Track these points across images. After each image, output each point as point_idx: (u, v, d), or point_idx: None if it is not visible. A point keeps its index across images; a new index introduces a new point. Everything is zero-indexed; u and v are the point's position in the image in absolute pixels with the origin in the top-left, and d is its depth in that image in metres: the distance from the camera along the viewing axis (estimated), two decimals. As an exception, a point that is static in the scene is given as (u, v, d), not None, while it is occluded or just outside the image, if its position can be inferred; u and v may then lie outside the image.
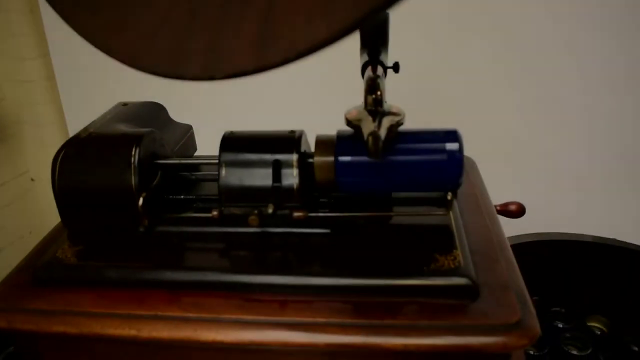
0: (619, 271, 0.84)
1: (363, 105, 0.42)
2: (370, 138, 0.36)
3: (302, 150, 0.46)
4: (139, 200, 0.45)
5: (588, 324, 0.84)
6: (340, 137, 0.44)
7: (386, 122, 0.40)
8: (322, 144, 0.44)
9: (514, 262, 0.43)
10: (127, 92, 0.63)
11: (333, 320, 0.39)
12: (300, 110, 0.99)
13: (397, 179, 0.44)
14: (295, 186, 0.44)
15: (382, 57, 0.45)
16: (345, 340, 0.38)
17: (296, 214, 0.45)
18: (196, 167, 0.56)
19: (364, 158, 0.43)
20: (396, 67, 0.46)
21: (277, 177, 0.45)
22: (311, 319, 0.39)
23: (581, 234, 0.86)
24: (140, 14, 0.29)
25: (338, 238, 0.46)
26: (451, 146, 0.42)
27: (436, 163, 0.42)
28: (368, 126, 0.38)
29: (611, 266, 0.85)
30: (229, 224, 0.46)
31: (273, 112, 1.05)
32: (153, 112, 0.58)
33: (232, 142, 0.46)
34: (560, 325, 0.82)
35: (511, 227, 0.61)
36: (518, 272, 0.42)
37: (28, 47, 1.17)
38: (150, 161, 0.48)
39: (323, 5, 0.24)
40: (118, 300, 0.42)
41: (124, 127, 0.51)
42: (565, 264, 0.87)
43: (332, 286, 0.41)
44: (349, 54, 0.47)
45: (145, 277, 0.43)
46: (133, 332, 0.40)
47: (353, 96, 0.48)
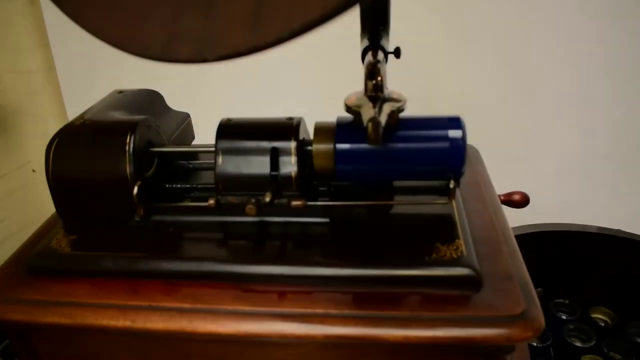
0: (624, 262, 0.84)
1: (363, 91, 0.41)
2: (370, 124, 0.35)
3: (301, 137, 0.45)
4: (134, 189, 0.45)
5: (592, 316, 0.84)
6: (339, 124, 0.44)
7: (387, 108, 0.39)
8: (321, 131, 0.43)
9: (518, 253, 0.43)
10: (128, 82, 0.63)
11: (332, 311, 0.38)
12: (299, 96, 0.98)
13: (398, 167, 0.43)
14: (293, 174, 0.44)
15: (383, 42, 0.44)
16: (344, 331, 0.37)
17: (294, 203, 0.44)
18: (193, 156, 0.55)
19: (364, 145, 0.42)
20: (397, 53, 0.45)
21: (275, 165, 0.44)
22: (310, 310, 0.38)
23: (586, 225, 0.86)
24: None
25: (337, 227, 0.45)
26: (454, 133, 0.42)
27: (438, 150, 0.42)
28: (368, 112, 0.38)
29: (615, 257, 0.84)
30: (226, 213, 0.46)
31: (272, 99, 1.04)
32: (149, 100, 0.57)
33: (229, 130, 0.45)
34: (563, 317, 0.82)
35: (515, 218, 0.60)
36: (522, 263, 0.41)
37: (28, 38, 1.17)
38: (145, 149, 0.47)
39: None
40: (112, 290, 0.42)
41: (119, 115, 0.50)
42: (569, 255, 0.86)
43: (331, 277, 0.40)
44: (349, 39, 0.46)
45: (140, 267, 0.43)
46: (127, 323, 0.39)
47: (353, 82, 0.47)
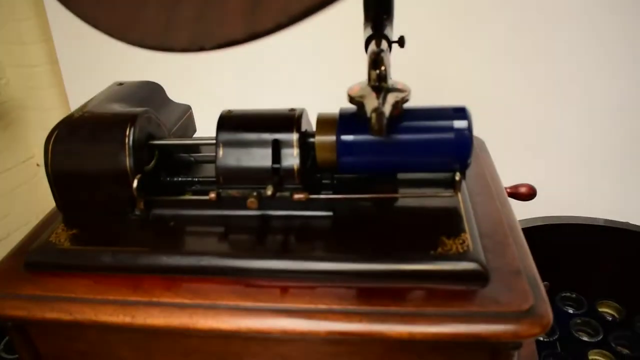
0: (631, 256, 0.84)
1: (366, 81, 0.41)
2: (373, 115, 0.34)
3: (303, 129, 0.44)
4: (134, 182, 0.44)
5: (599, 310, 0.83)
6: (342, 115, 0.43)
7: (391, 99, 0.39)
8: (324, 123, 0.43)
9: (526, 246, 0.42)
10: (131, 75, 0.62)
11: (335, 307, 0.37)
12: (301, 87, 0.97)
13: (403, 159, 0.42)
14: (295, 167, 0.43)
15: (387, 31, 0.43)
16: (348, 328, 0.36)
17: (297, 196, 0.43)
18: (194, 148, 0.54)
19: (368, 137, 0.41)
20: (401, 42, 0.44)
21: (277, 158, 0.43)
22: (312, 306, 0.38)
23: (593, 218, 0.86)
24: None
25: (341, 221, 0.44)
26: (460, 124, 0.41)
27: (444, 142, 0.41)
28: (371, 103, 0.37)
29: (623, 250, 0.84)
30: (227, 207, 0.45)
31: (274, 91, 1.03)
32: (150, 92, 0.56)
33: (230, 121, 0.45)
34: (570, 311, 0.82)
35: (521, 211, 0.59)
36: (530, 257, 0.41)
37: (31, 32, 1.17)
38: (145, 142, 0.47)
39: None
40: (112, 285, 0.41)
41: (119, 107, 0.50)
42: (576, 248, 0.86)
43: (335, 271, 0.40)
44: (352, 28, 0.45)
45: (140, 262, 0.42)
46: (127, 319, 0.39)
47: (356, 72, 0.46)
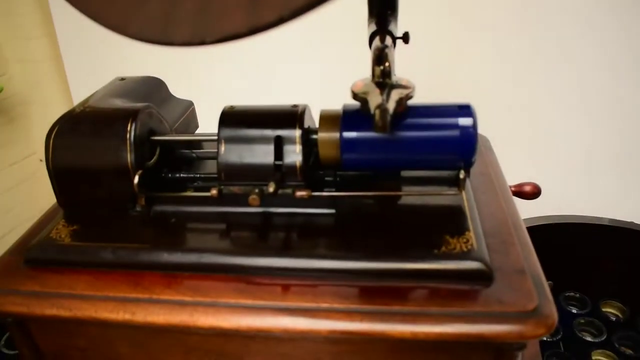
0: (636, 256, 0.83)
1: (370, 77, 0.40)
2: (377, 111, 0.34)
3: (306, 125, 0.44)
4: (135, 178, 0.44)
5: (603, 310, 0.83)
6: (345, 112, 0.42)
7: (395, 95, 0.38)
8: (327, 119, 0.42)
9: (531, 246, 0.41)
10: (135, 71, 0.62)
11: (337, 305, 0.37)
12: (304, 83, 0.97)
13: (406, 156, 0.42)
14: (298, 164, 0.43)
15: (391, 27, 0.42)
16: (350, 327, 0.36)
17: (299, 193, 0.43)
18: (196, 144, 0.54)
19: (371, 133, 0.41)
20: (406, 38, 0.44)
21: (279, 154, 0.43)
22: (314, 304, 0.37)
23: (598, 217, 0.85)
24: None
25: (343, 219, 0.44)
26: (464, 121, 0.40)
27: (448, 139, 0.40)
28: (375, 99, 0.36)
29: (628, 250, 0.83)
30: (229, 204, 0.45)
31: (277, 87, 1.03)
32: (152, 87, 0.56)
33: (232, 117, 0.44)
34: (574, 310, 0.81)
35: (525, 210, 0.58)
36: (534, 256, 0.40)
37: (34, 27, 1.17)
38: (147, 137, 0.47)
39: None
40: (112, 282, 0.41)
41: (120, 102, 0.49)
42: (580, 248, 0.85)
43: (337, 269, 0.39)
44: (356, 24, 0.44)
45: (140, 259, 0.42)
46: (127, 316, 0.39)
47: (360, 68, 0.45)
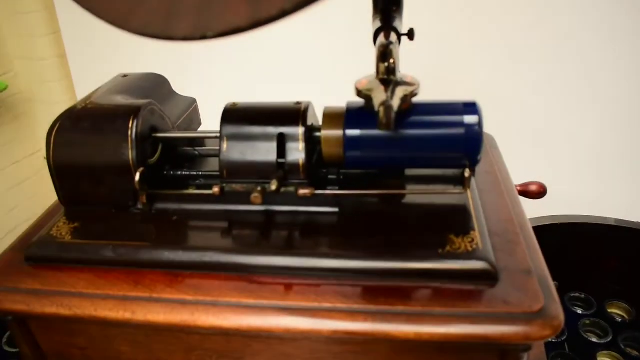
0: (642, 256, 0.82)
1: (375, 74, 0.40)
2: (381, 109, 0.34)
3: (309, 123, 0.43)
4: (136, 175, 0.43)
5: (608, 311, 0.82)
6: (349, 109, 0.42)
7: (399, 92, 0.38)
8: (330, 117, 0.42)
9: (537, 245, 0.41)
10: (139, 68, 0.62)
11: (340, 305, 0.37)
12: (307, 80, 0.96)
13: (411, 154, 0.41)
14: (301, 161, 0.42)
15: (396, 24, 0.42)
16: (352, 327, 0.36)
17: (302, 192, 0.42)
18: (198, 142, 0.53)
19: (375, 131, 0.41)
20: (411, 35, 0.43)
21: (282, 152, 0.43)
22: (317, 304, 0.37)
23: (603, 217, 0.85)
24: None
25: (347, 217, 0.43)
26: (470, 119, 0.40)
27: (453, 137, 0.40)
28: (380, 96, 0.36)
29: (634, 250, 0.83)
30: (231, 202, 0.45)
31: (280, 84, 1.03)
32: (154, 84, 0.56)
33: (234, 114, 0.44)
34: (579, 311, 0.81)
35: (531, 209, 0.58)
36: (541, 256, 0.40)
37: (39, 25, 1.17)
38: (149, 135, 0.46)
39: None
40: (113, 280, 0.40)
41: (122, 99, 0.49)
42: (585, 248, 0.85)
43: (340, 269, 0.39)
44: (361, 20, 0.44)
45: (141, 257, 0.41)
46: (128, 315, 0.38)
47: (364, 65, 0.45)
